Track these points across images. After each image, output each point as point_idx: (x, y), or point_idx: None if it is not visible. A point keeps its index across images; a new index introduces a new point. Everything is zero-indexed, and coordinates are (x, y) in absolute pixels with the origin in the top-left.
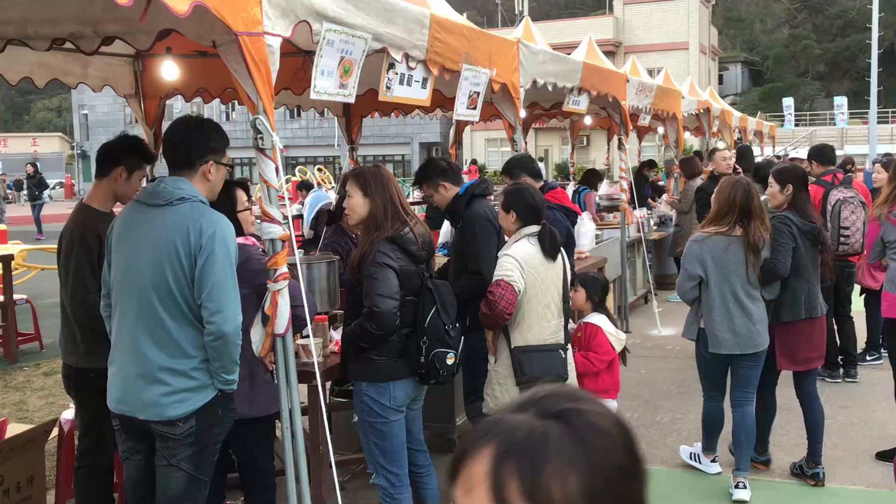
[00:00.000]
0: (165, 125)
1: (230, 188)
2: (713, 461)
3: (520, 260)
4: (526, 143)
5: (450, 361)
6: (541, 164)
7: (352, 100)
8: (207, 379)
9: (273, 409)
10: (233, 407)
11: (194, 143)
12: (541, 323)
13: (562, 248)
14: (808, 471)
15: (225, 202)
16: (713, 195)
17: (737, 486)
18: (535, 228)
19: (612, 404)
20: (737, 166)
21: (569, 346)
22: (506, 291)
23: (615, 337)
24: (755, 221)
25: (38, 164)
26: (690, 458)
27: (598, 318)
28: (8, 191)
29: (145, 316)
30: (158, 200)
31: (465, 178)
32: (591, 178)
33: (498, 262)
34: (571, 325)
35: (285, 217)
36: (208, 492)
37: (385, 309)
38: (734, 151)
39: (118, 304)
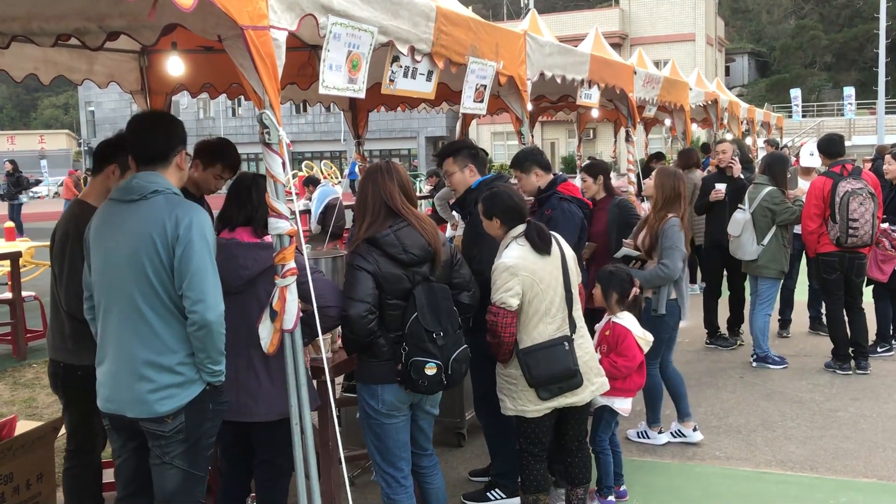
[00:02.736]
0: None
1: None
2: (661, 432)
3: (512, 266)
4: (532, 136)
5: (430, 371)
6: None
7: (362, 95)
8: (194, 374)
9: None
10: (224, 401)
11: (168, 134)
12: (545, 321)
13: (558, 239)
14: (685, 431)
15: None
16: (654, 185)
17: (694, 430)
18: (521, 228)
19: (626, 402)
20: (732, 160)
21: (574, 336)
22: (503, 318)
23: (643, 339)
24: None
25: (28, 161)
26: (638, 437)
27: (627, 320)
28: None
29: (127, 312)
30: (132, 195)
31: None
32: None
33: (492, 276)
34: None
35: (293, 212)
36: (234, 485)
37: (352, 313)
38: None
39: (101, 302)
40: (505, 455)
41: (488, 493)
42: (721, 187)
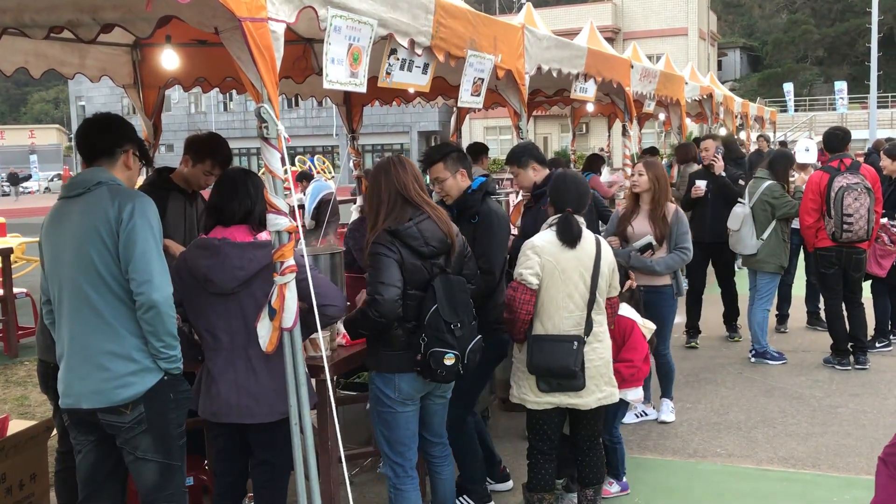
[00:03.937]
0: (164, 115)
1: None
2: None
3: (537, 246)
4: (527, 130)
5: (448, 362)
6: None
7: (363, 89)
8: (150, 362)
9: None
10: (185, 388)
11: (112, 131)
12: (560, 313)
13: (600, 242)
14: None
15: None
16: (648, 179)
17: (671, 411)
18: (559, 216)
19: (638, 392)
20: (715, 157)
21: (590, 339)
22: (521, 294)
23: (647, 329)
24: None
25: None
26: (671, 412)
27: (627, 311)
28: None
29: (78, 304)
30: (77, 190)
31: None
32: (595, 163)
33: (519, 253)
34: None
35: (292, 208)
36: (231, 486)
37: (387, 297)
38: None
39: (55, 299)
40: (472, 459)
41: (456, 500)
42: (700, 184)
